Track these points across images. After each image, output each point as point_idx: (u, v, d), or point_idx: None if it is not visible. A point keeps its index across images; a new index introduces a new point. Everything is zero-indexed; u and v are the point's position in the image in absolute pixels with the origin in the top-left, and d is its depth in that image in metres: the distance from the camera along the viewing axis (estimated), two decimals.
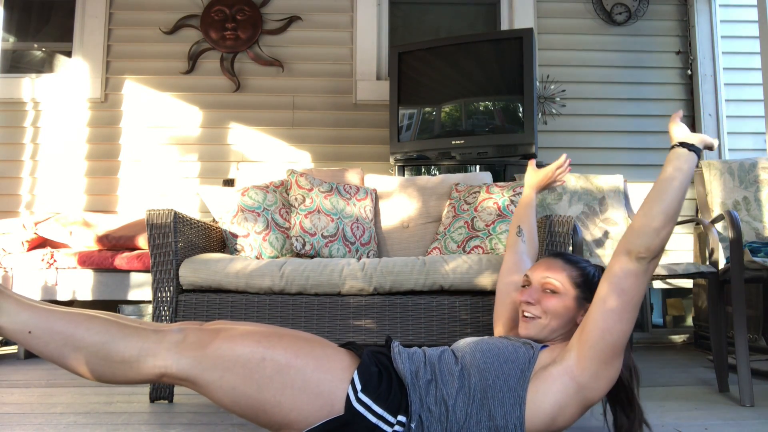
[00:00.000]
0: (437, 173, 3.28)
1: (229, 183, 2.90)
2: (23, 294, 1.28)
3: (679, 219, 2.84)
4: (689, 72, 3.82)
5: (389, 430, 1.20)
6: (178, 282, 2.01)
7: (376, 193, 2.70)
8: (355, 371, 1.23)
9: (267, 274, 2.00)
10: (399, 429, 1.21)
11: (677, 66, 3.85)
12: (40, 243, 3.09)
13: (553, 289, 1.39)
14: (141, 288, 2.91)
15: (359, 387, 1.21)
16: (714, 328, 2.16)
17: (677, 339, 3.62)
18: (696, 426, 1.70)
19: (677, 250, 3.63)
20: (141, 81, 3.74)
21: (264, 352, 1.21)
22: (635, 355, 1.41)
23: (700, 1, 3.84)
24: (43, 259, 2.90)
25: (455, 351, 1.35)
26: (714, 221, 2.53)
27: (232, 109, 3.74)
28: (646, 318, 3.61)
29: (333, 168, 3.00)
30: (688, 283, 3.52)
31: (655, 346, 3.47)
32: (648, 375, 2.50)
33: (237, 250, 2.33)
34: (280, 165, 3.61)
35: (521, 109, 3.12)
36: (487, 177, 2.81)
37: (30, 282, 2.90)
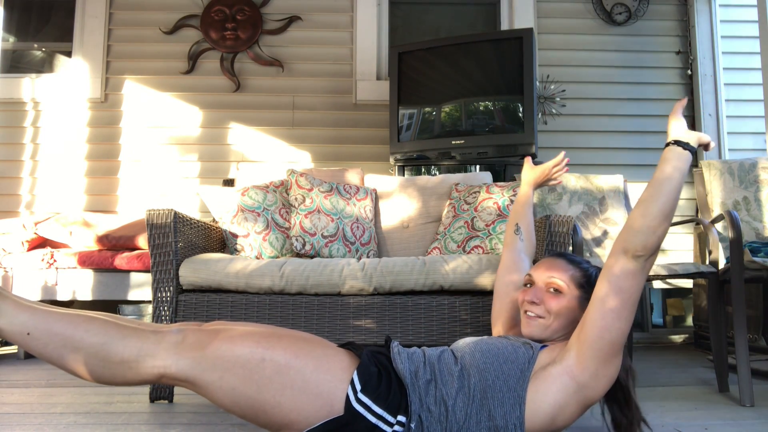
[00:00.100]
0: (437, 173, 3.28)
1: (229, 183, 2.90)
2: (23, 294, 1.28)
3: (679, 219, 2.87)
4: (689, 72, 3.82)
5: (389, 430, 1.20)
6: (178, 282, 2.01)
7: (376, 193, 2.70)
8: (355, 371, 1.23)
9: (267, 274, 2.00)
10: (399, 429, 1.20)
11: (677, 66, 3.85)
12: (40, 243, 3.09)
13: (558, 289, 1.39)
14: (141, 288, 2.91)
15: (359, 387, 1.21)
16: (714, 328, 2.16)
17: (677, 339, 3.62)
18: (696, 426, 1.70)
19: (677, 250, 3.63)
20: (141, 81, 3.74)
21: (263, 352, 1.21)
22: (635, 355, 1.41)
23: (700, 1, 3.84)
24: (43, 259, 2.90)
25: (455, 351, 1.35)
26: (714, 221, 2.53)
27: (232, 109, 3.74)
28: (646, 318, 3.60)
29: (333, 168, 3.00)
30: (688, 283, 3.52)
31: (655, 346, 3.46)
32: (648, 375, 2.50)
33: (237, 250, 2.33)
34: (280, 165, 3.61)
35: (521, 109, 3.11)
36: (487, 177, 2.81)
37: (30, 282, 2.90)
